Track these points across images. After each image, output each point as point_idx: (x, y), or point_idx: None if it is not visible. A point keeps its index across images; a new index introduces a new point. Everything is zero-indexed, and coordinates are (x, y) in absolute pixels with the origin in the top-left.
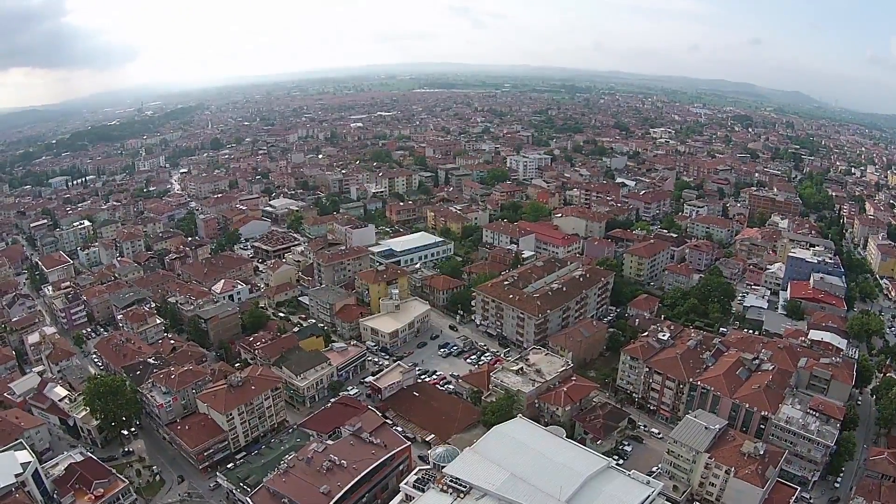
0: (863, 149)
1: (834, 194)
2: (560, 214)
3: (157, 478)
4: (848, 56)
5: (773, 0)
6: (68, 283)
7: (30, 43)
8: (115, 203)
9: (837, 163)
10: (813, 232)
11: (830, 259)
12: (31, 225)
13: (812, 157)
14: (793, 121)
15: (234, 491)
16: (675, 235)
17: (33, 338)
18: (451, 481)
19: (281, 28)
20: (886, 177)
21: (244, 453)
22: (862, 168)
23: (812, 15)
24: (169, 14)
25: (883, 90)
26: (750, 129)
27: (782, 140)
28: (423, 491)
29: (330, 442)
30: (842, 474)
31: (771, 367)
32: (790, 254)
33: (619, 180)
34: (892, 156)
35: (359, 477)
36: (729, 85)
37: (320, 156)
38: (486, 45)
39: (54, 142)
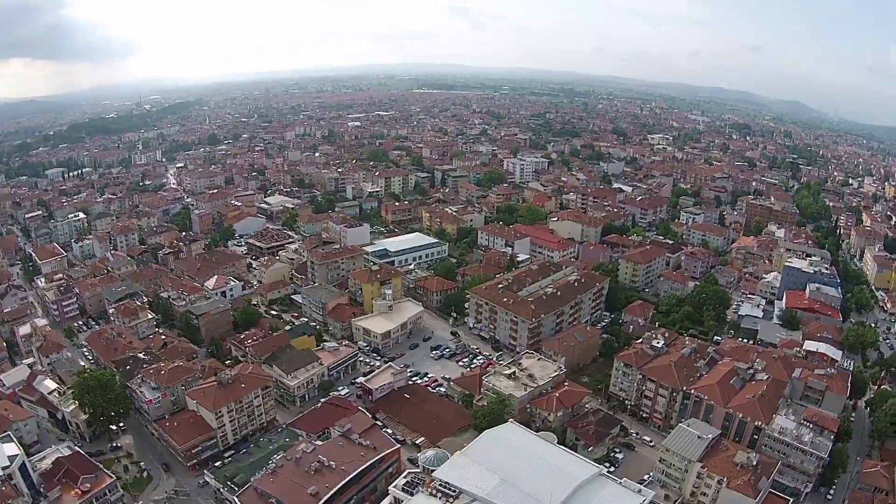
0: (860, 160)
1: (831, 205)
2: (556, 218)
3: (145, 474)
4: (847, 65)
5: (773, 7)
6: (61, 276)
7: (30, 34)
8: (110, 196)
9: (835, 173)
10: (809, 242)
11: (827, 269)
12: (26, 216)
13: (810, 167)
14: (791, 130)
15: (221, 489)
16: (670, 242)
17: (24, 329)
18: (440, 485)
19: (281, 26)
20: (884, 188)
21: (232, 451)
22: (859, 179)
23: (812, 22)
24: (168, 10)
25: (883, 100)
26: (748, 138)
27: (780, 149)
28: (411, 494)
29: (319, 442)
30: (834, 486)
31: (765, 377)
32: (786, 263)
33: (615, 185)
34: (889, 167)
35: (347, 478)
36: (728, 93)
37: (317, 154)
38: (486, 47)
39: (52, 133)
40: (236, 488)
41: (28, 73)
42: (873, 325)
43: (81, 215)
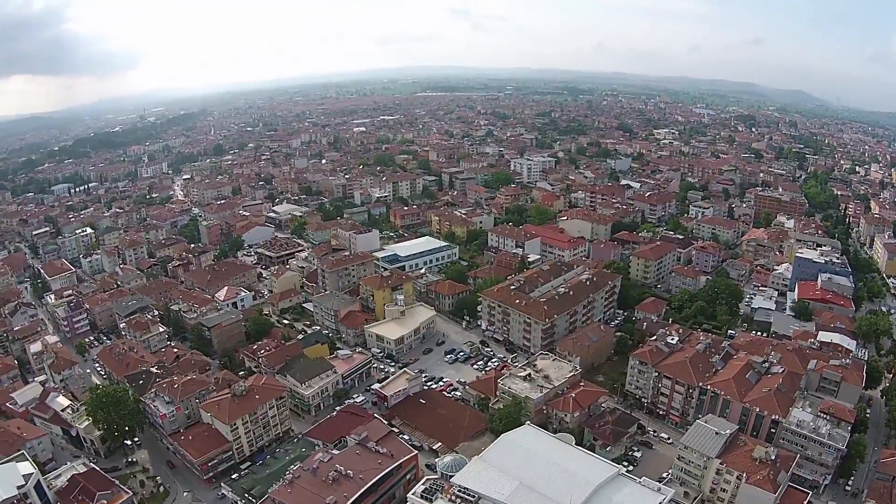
0: (866, 147)
1: (839, 193)
2: (565, 217)
3: (161, 489)
4: (849, 54)
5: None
6: (70, 291)
7: (31, 50)
8: (117, 210)
9: (841, 161)
10: (819, 231)
11: (837, 259)
12: (34, 233)
13: (816, 157)
14: (796, 120)
15: (238, 502)
16: (681, 237)
17: (35, 347)
18: (459, 491)
19: (282, 33)
20: (891, 175)
21: (249, 463)
22: (866, 166)
23: (812, 13)
24: (168, 21)
25: (885, 88)
26: (753, 129)
27: (786, 139)
28: (430, 501)
29: (335, 451)
30: (853, 477)
31: (780, 370)
32: (797, 254)
33: (623, 182)
34: (895, 153)
35: (365, 487)
36: (731, 85)
37: (323, 161)
38: (487, 48)
39: (56, 149)
40: (254, 500)
41: (30, 89)
42: (886, 312)
43: (89, 230)
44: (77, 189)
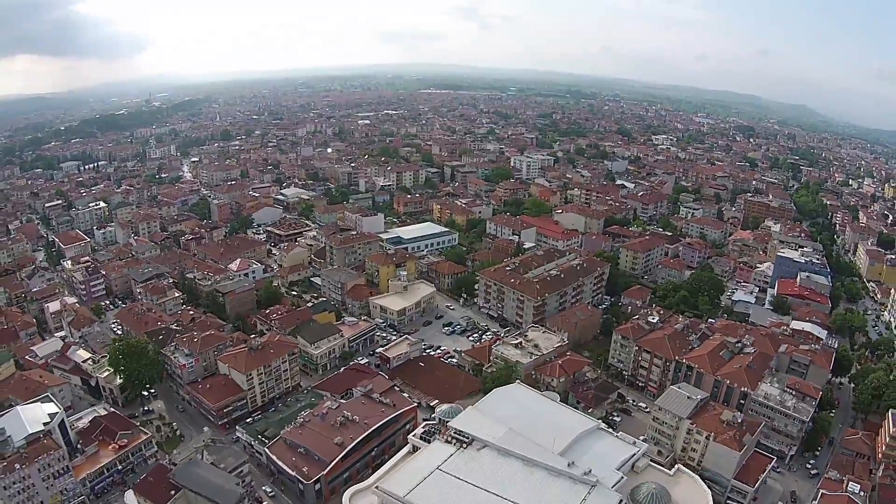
0: (862, 162)
1: (829, 203)
2: (561, 211)
3: (178, 433)
4: (854, 70)
5: (781, 12)
6: (87, 259)
7: (37, 30)
8: (128, 188)
9: (836, 174)
10: (803, 235)
11: (817, 259)
12: (46, 205)
13: (811, 168)
14: (795, 133)
15: (252, 443)
16: (670, 234)
17: (53, 306)
18: (454, 433)
19: (289, 25)
20: (883, 189)
21: (260, 412)
22: (860, 180)
23: (819, 29)
24: (177, 8)
25: (889, 106)
26: (751, 140)
27: (783, 150)
28: (429, 442)
29: (343, 401)
30: (818, 452)
31: (753, 351)
32: (779, 253)
33: (619, 182)
34: (891, 170)
35: (370, 430)
36: (735, 96)
37: (329, 150)
38: (493, 48)
39: (63, 128)
40: (266, 441)
41: (35, 69)
42: (862, 312)
43: (102, 204)
44: (86, 167)
